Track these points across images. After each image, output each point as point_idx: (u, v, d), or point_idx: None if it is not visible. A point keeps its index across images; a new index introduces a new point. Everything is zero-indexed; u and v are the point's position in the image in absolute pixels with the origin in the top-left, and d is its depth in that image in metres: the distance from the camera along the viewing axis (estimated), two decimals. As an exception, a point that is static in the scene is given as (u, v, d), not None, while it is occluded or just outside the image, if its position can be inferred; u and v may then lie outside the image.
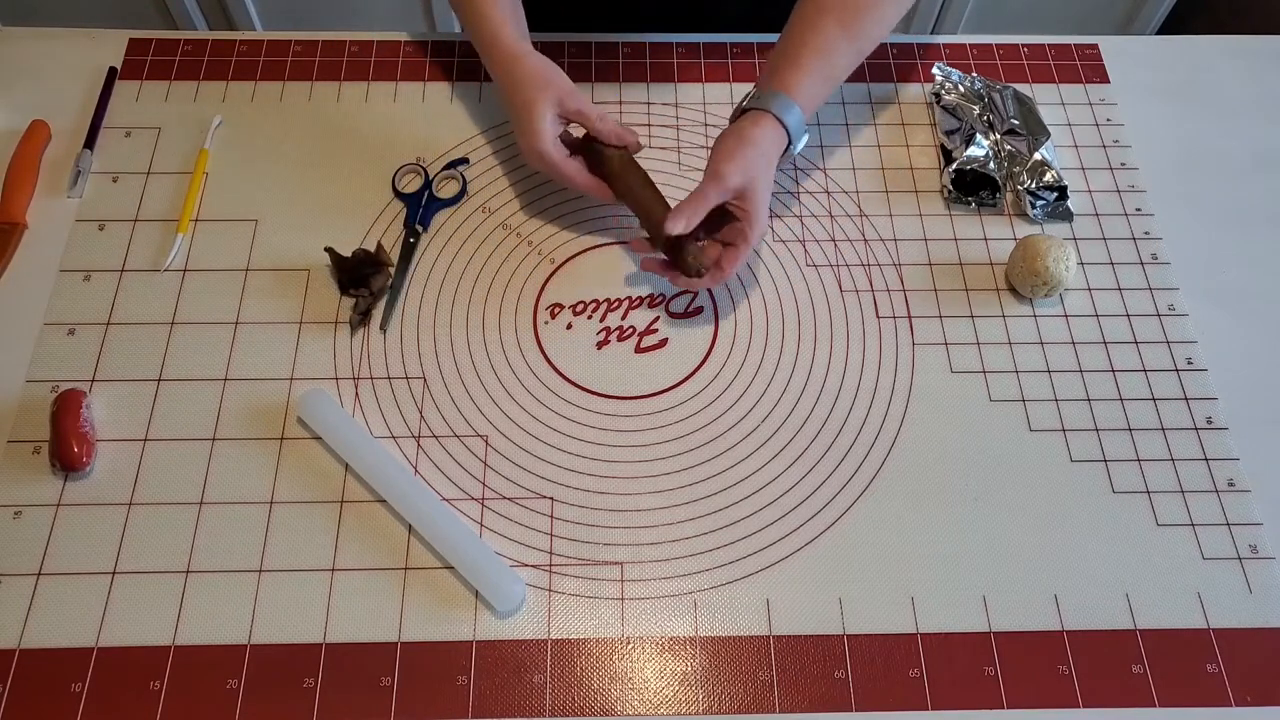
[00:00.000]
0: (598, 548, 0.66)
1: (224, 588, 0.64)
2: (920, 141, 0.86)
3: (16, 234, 0.78)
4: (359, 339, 0.74)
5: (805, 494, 0.68)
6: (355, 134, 0.84)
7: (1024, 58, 0.92)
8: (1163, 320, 0.77)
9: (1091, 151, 0.86)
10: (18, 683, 0.60)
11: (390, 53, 0.89)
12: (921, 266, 0.79)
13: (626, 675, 0.62)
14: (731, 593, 0.65)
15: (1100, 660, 0.63)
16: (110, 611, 0.63)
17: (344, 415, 0.70)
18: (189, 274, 0.76)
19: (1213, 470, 0.70)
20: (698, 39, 0.91)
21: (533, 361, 0.74)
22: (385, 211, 0.80)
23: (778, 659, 0.63)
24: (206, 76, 0.87)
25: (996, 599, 0.65)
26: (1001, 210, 0.82)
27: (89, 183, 0.81)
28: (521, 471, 0.69)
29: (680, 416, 0.72)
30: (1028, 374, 0.74)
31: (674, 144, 0.84)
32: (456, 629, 0.63)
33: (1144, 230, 0.81)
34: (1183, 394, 0.73)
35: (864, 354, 0.75)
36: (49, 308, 0.74)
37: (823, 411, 0.72)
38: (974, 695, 0.62)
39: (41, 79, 0.87)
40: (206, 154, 0.82)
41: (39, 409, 0.69)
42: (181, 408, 0.70)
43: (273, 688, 0.61)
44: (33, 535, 0.65)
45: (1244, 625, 0.64)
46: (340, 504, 0.67)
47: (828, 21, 0.73)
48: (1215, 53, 0.93)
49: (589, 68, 0.89)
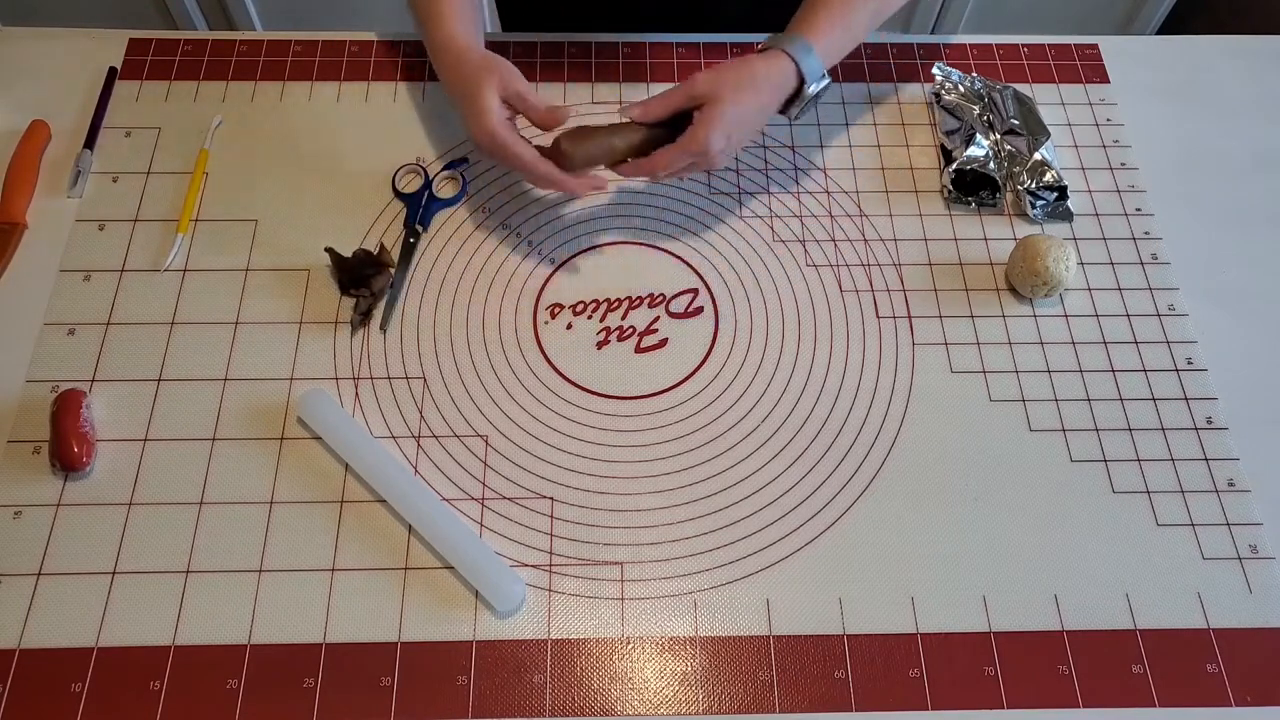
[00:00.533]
0: (598, 548, 0.66)
1: (224, 588, 0.64)
2: (920, 141, 0.86)
3: (16, 234, 0.78)
4: (359, 339, 0.74)
5: (805, 494, 0.68)
6: (355, 134, 0.84)
7: (1024, 58, 0.92)
8: (1163, 320, 0.77)
9: (1091, 151, 0.86)
10: (18, 683, 0.61)
11: (390, 53, 0.89)
12: (921, 266, 0.79)
13: (626, 675, 0.62)
14: (731, 593, 0.65)
15: (1100, 660, 0.63)
16: (110, 611, 0.63)
17: (344, 415, 0.70)
18: (189, 274, 0.76)
19: (1213, 470, 0.70)
20: (698, 39, 0.91)
21: (533, 361, 0.74)
22: (385, 211, 0.80)
23: (778, 659, 0.63)
24: (206, 76, 0.87)
25: (996, 599, 0.65)
26: (1001, 210, 0.82)
27: (89, 183, 0.81)
28: (521, 471, 0.69)
29: (680, 416, 0.72)
30: (1028, 374, 0.74)
31: (674, 144, 0.84)
32: (456, 629, 0.63)
33: (1144, 230, 0.82)
34: (1183, 394, 0.73)
35: (864, 354, 0.75)
36: (49, 308, 0.74)
37: (823, 411, 0.72)
38: (974, 695, 0.62)
39: (41, 79, 0.87)
40: (206, 154, 0.82)
41: (39, 409, 0.69)
42: (181, 408, 0.70)
43: (273, 688, 0.61)
44: (33, 535, 0.65)
45: (1244, 625, 0.64)
46: (340, 504, 0.67)
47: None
48: (1215, 53, 0.93)
49: (589, 68, 0.89)
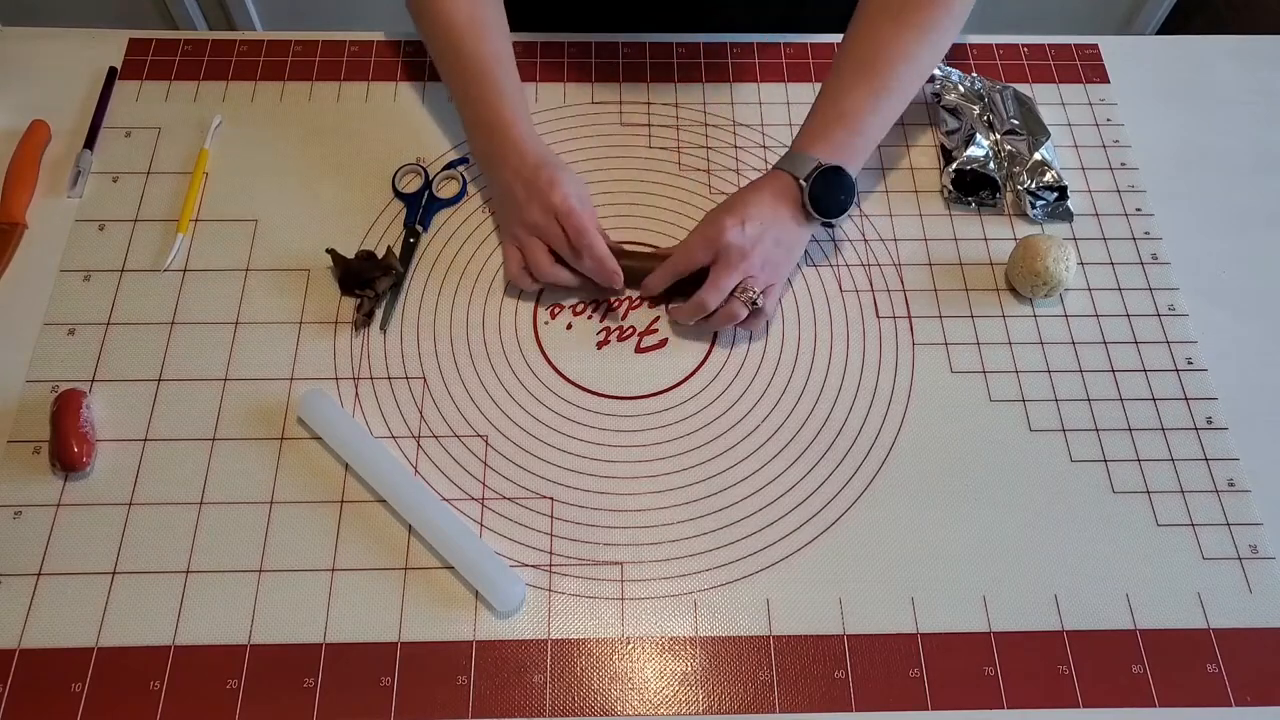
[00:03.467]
0: (598, 548, 0.66)
1: (224, 588, 0.64)
2: (920, 141, 0.86)
3: (16, 234, 0.78)
4: (359, 339, 0.74)
5: (805, 494, 0.68)
6: (355, 134, 0.84)
7: (1024, 58, 0.92)
8: (1163, 320, 0.77)
9: (1091, 151, 0.86)
10: (18, 683, 0.60)
11: (390, 53, 0.89)
12: (921, 266, 0.79)
13: (626, 675, 0.62)
14: (731, 593, 0.65)
15: (1100, 660, 0.63)
16: (110, 611, 0.63)
17: (344, 415, 0.70)
18: (189, 274, 0.76)
19: (1213, 470, 0.70)
20: (698, 39, 0.91)
21: (533, 361, 0.74)
22: (385, 211, 0.80)
23: (778, 659, 0.63)
24: (206, 76, 0.87)
25: (996, 599, 0.65)
26: (1001, 210, 0.82)
27: (89, 183, 0.81)
28: (521, 471, 0.69)
29: (680, 416, 0.72)
30: (1028, 374, 0.74)
31: (674, 144, 0.84)
32: (456, 629, 0.63)
33: (1144, 230, 0.81)
34: (1183, 394, 0.73)
35: (864, 354, 0.75)
36: (49, 308, 0.74)
37: (823, 411, 0.72)
38: (974, 695, 0.62)
39: (41, 79, 0.87)
40: (206, 154, 0.82)
41: (39, 409, 0.69)
42: (181, 408, 0.70)
43: (273, 688, 0.61)
44: (33, 535, 0.65)
45: (1244, 625, 0.64)
46: (340, 504, 0.67)
47: (844, 67, 0.74)
48: (1215, 53, 0.93)
49: (589, 68, 0.89)
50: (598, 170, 0.83)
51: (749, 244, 0.70)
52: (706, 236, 0.71)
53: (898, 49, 0.73)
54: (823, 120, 0.73)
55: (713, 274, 0.71)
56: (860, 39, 0.74)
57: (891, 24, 0.73)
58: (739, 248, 0.70)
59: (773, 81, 0.88)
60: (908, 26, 0.73)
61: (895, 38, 0.73)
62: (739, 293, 0.71)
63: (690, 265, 0.72)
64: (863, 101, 0.73)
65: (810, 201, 0.71)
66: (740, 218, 0.70)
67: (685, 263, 0.72)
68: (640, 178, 0.83)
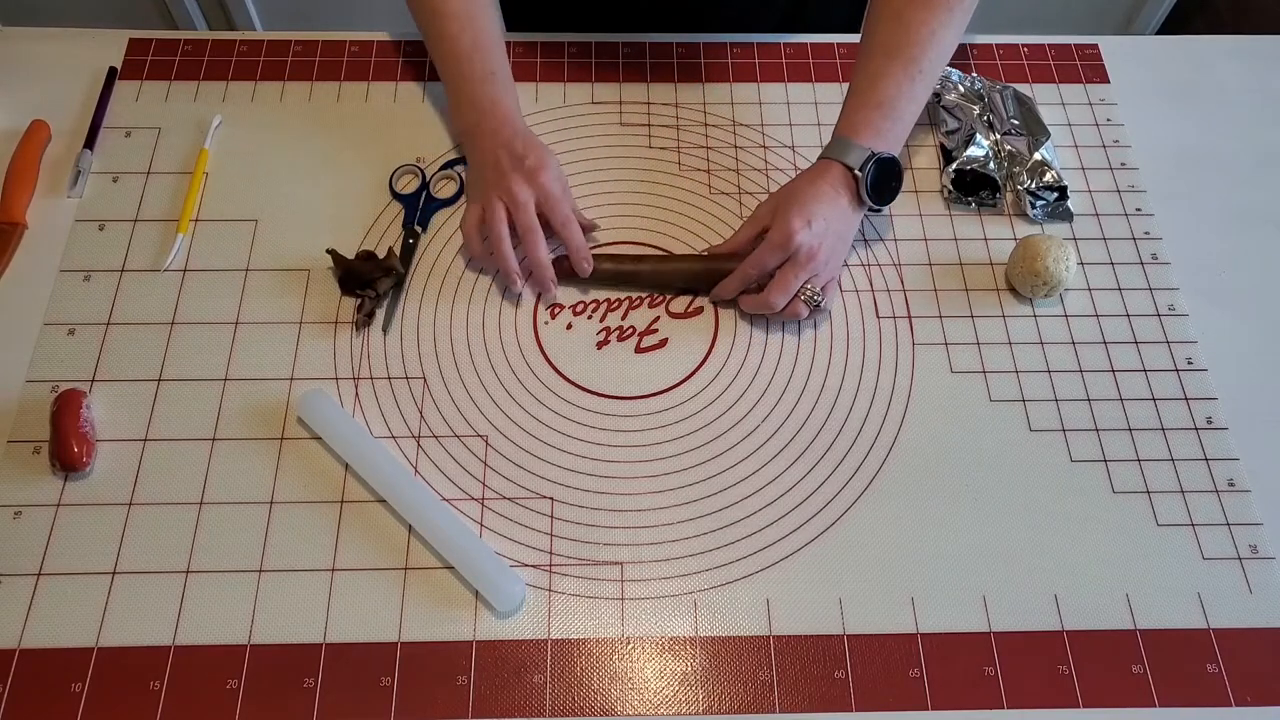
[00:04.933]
0: (598, 548, 0.66)
1: (224, 588, 0.64)
2: (920, 141, 0.86)
3: (16, 234, 0.78)
4: (359, 339, 0.74)
5: (805, 494, 0.68)
6: (355, 134, 0.84)
7: (1024, 58, 0.92)
8: (1163, 320, 0.77)
9: (1091, 151, 0.86)
10: (18, 683, 0.61)
11: (390, 53, 0.89)
12: (921, 266, 0.79)
13: (626, 675, 0.62)
14: (731, 593, 0.65)
15: (1100, 660, 0.63)
16: (110, 611, 0.63)
17: (344, 415, 0.70)
18: (189, 274, 0.76)
19: (1213, 470, 0.70)
20: (698, 39, 0.91)
21: (533, 361, 0.74)
22: (385, 211, 0.80)
23: (778, 659, 0.63)
24: (206, 76, 0.87)
25: (996, 599, 0.65)
26: (1001, 210, 0.82)
27: (89, 183, 0.81)
28: (521, 471, 0.69)
29: (680, 416, 0.72)
30: (1028, 374, 0.74)
31: (674, 144, 0.84)
32: (456, 629, 0.63)
33: (1144, 230, 0.81)
34: (1183, 394, 0.73)
35: (864, 354, 0.75)
36: (49, 308, 0.74)
37: (823, 411, 0.72)
38: (974, 695, 0.62)
39: (41, 79, 0.87)
40: (206, 154, 0.82)
41: (39, 409, 0.69)
42: (181, 408, 0.70)
43: (273, 688, 0.61)
44: (33, 535, 0.65)
45: (1244, 625, 0.64)
46: (340, 504, 0.67)
47: (874, 49, 0.74)
48: (1215, 53, 0.93)
49: (589, 68, 0.89)
50: (598, 170, 0.83)
51: (816, 242, 0.71)
52: (776, 242, 0.71)
53: (925, 30, 0.73)
54: (863, 107, 0.73)
55: (780, 274, 0.71)
56: (887, 21, 0.74)
57: (917, 4, 0.73)
58: (809, 248, 0.70)
59: (773, 81, 0.88)
60: (933, 7, 0.73)
61: (922, 19, 0.73)
62: (801, 292, 0.72)
63: (763, 271, 0.72)
64: (899, 86, 0.73)
65: (869, 191, 0.72)
66: (806, 217, 0.71)
67: (758, 269, 0.72)
68: (640, 178, 0.83)
